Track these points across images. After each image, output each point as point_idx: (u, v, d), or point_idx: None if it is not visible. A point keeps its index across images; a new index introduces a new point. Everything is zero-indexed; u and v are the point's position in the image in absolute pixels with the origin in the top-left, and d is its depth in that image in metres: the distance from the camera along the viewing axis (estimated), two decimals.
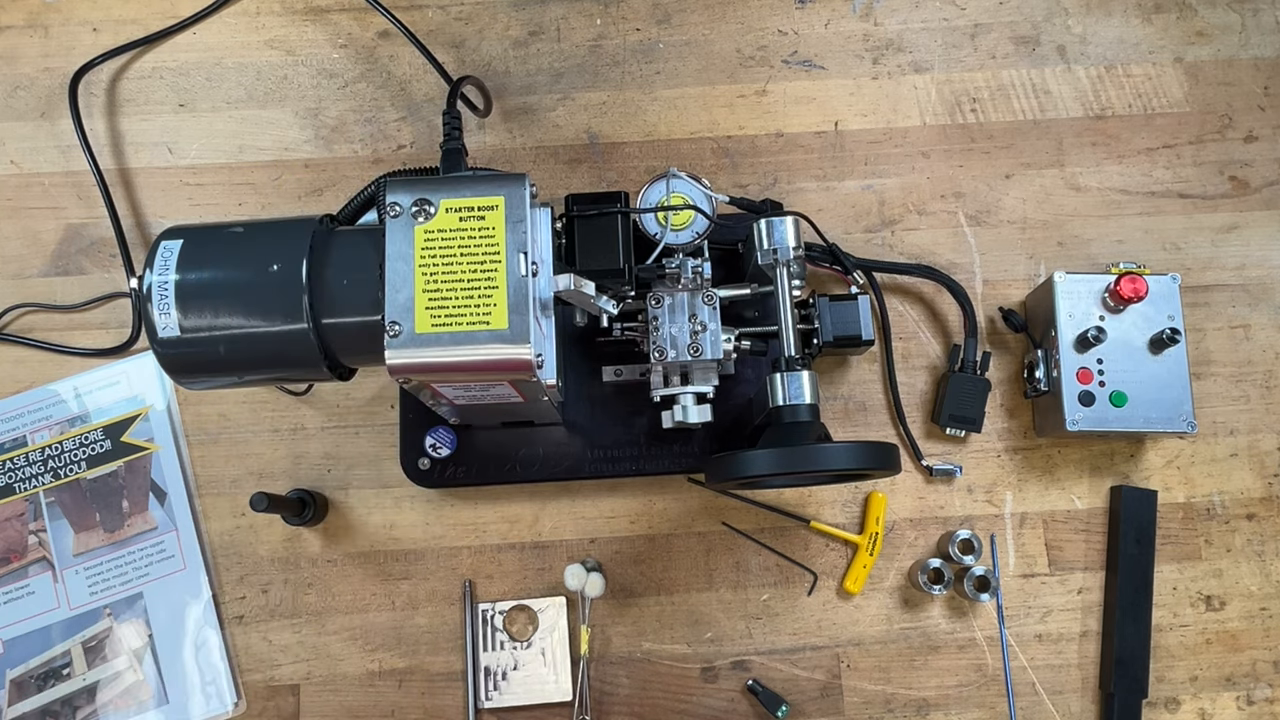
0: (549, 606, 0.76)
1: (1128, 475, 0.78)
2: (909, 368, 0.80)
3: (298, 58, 0.86)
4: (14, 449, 0.78)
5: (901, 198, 0.83)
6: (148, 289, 0.57)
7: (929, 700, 0.75)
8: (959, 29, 0.87)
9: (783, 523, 0.77)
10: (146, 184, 0.84)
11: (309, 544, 0.77)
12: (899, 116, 0.85)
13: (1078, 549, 0.77)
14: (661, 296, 0.69)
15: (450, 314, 0.55)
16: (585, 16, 0.87)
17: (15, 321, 0.81)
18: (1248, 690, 0.75)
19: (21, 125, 0.85)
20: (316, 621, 0.76)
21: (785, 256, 0.69)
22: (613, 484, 0.78)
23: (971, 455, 0.79)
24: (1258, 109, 0.85)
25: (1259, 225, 0.83)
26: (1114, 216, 0.83)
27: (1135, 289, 0.72)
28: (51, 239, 0.83)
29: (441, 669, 0.75)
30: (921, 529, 0.78)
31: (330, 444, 0.79)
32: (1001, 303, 0.81)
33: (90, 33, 0.86)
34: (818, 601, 0.77)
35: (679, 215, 0.70)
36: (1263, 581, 0.77)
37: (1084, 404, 0.73)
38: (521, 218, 0.56)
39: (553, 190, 0.83)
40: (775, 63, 0.86)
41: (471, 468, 0.74)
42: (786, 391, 0.64)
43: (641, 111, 0.85)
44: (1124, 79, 0.86)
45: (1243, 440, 0.79)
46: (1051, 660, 0.75)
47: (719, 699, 0.75)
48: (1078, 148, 0.84)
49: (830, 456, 0.60)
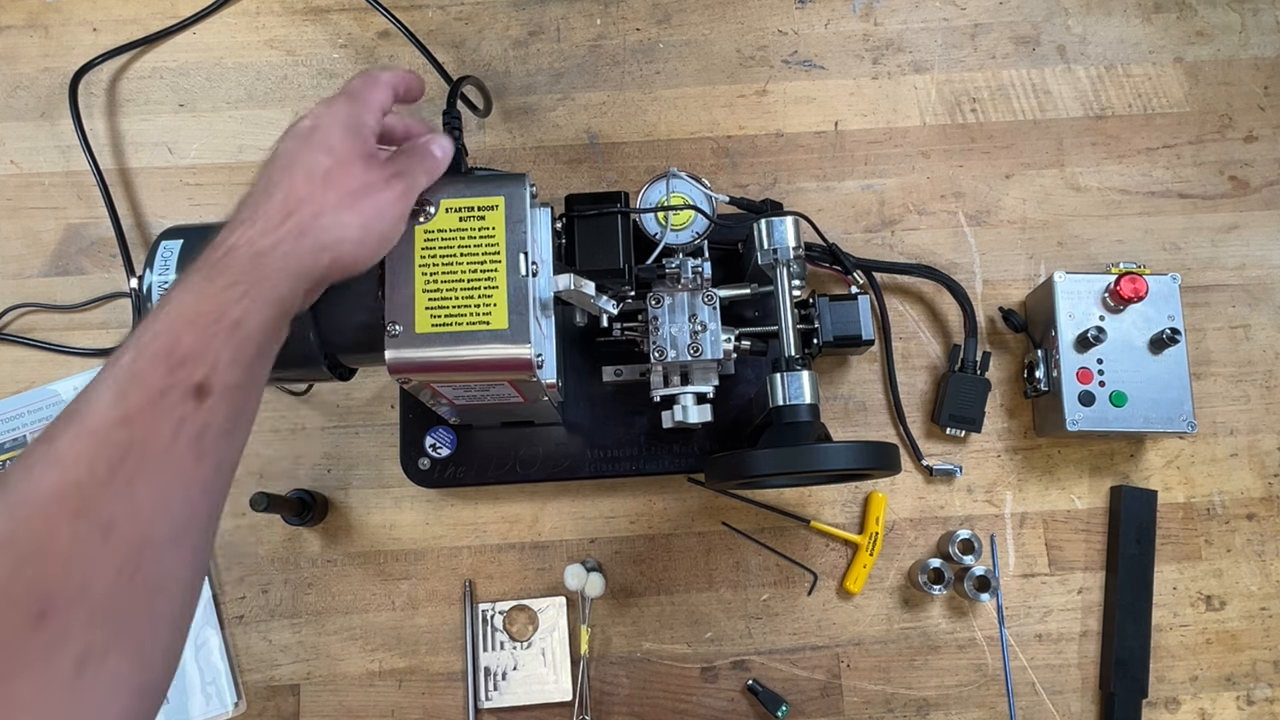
0: (549, 606, 0.76)
1: (1128, 475, 0.78)
2: (909, 368, 0.80)
3: (298, 58, 0.86)
4: (14, 449, 0.78)
5: (901, 198, 0.83)
6: (148, 289, 0.57)
7: (929, 700, 0.75)
8: (959, 29, 0.87)
9: (783, 523, 0.77)
10: (146, 184, 0.84)
11: (309, 544, 0.77)
12: (899, 116, 0.85)
13: (1078, 549, 0.77)
14: (661, 296, 0.69)
15: (450, 314, 0.55)
16: (585, 16, 0.87)
17: (15, 321, 0.81)
18: (1248, 690, 0.75)
19: (21, 125, 0.85)
20: (316, 621, 0.76)
21: (785, 256, 0.69)
22: (613, 484, 0.78)
23: (971, 455, 0.79)
24: (1258, 109, 0.85)
25: (1259, 225, 0.83)
26: (1114, 216, 0.83)
27: (1135, 289, 0.72)
28: (51, 239, 0.83)
29: (441, 669, 0.75)
30: (921, 529, 0.78)
31: (330, 444, 0.79)
32: (1001, 303, 0.81)
33: (90, 33, 0.86)
34: (818, 601, 0.77)
35: (679, 215, 0.70)
36: (1263, 581, 0.77)
37: (1084, 404, 0.73)
38: (521, 218, 0.56)
39: (553, 190, 0.83)
40: (775, 63, 0.86)
41: (471, 468, 0.74)
42: (786, 391, 0.64)
43: (641, 111, 0.85)
44: (1124, 79, 0.86)
45: (1243, 440, 0.79)
46: (1051, 660, 0.75)
47: (719, 699, 0.75)
48: (1078, 148, 0.84)
49: (830, 456, 0.60)
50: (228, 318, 0.42)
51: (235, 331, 0.42)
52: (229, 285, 0.43)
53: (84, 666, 0.35)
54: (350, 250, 0.48)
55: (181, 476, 0.40)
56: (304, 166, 0.48)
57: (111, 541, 0.37)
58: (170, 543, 0.39)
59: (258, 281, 0.44)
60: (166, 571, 0.39)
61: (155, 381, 0.40)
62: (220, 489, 0.43)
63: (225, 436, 0.42)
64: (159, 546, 0.38)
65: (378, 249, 0.51)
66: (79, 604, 0.36)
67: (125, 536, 0.37)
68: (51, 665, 0.35)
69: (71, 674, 0.35)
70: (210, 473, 0.41)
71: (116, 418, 0.38)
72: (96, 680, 0.36)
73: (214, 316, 0.42)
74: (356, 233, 0.48)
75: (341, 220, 0.47)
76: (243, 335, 0.42)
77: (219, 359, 0.41)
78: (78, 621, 0.35)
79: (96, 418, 0.38)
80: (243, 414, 0.43)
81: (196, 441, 0.40)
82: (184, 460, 0.40)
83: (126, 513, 0.37)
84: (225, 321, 0.42)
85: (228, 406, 0.41)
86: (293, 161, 0.48)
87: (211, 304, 0.42)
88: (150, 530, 0.38)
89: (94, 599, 0.36)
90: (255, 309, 0.43)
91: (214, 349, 0.41)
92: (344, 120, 0.50)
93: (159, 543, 0.38)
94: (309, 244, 0.46)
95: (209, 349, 0.41)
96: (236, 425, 0.43)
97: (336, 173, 0.48)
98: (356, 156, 0.49)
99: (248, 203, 0.48)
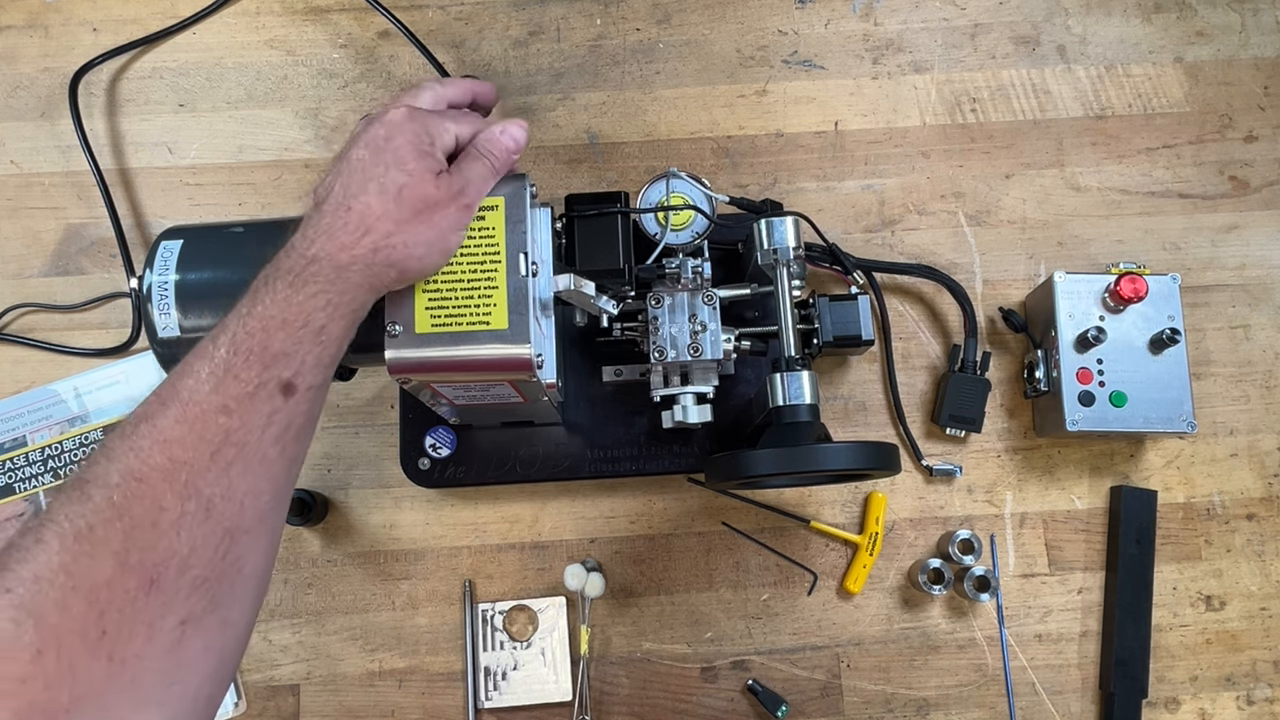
0: (549, 606, 0.76)
1: (1128, 475, 0.78)
2: (909, 368, 0.80)
3: (298, 58, 0.86)
4: (14, 449, 0.78)
5: (901, 198, 0.83)
6: (148, 289, 0.57)
7: (929, 700, 0.75)
8: (959, 29, 0.87)
9: (783, 523, 0.77)
10: (146, 184, 0.84)
11: (309, 544, 0.77)
12: (899, 116, 0.85)
13: (1078, 549, 0.77)
14: (661, 296, 0.69)
15: (450, 314, 0.55)
16: (585, 16, 0.87)
17: (15, 321, 0.81)
18: (1248, 690, 0.75)
19: (21, 125, 0.85)
20: (316, 621, 0.76)
21: (785, 256, 0.69)
22: (613, 484, 0.78)
23: (971, 455, 0.79)
24: (1258, 109, 0.85)
25: (1259, 225, 0.83)
26: (1114, 216, 0.83)
27: (1135, 289, 0.72)
28: (51, 239, 0.83)
29: (441, 669, 0.75)
30: (921, 529, 0.78)
31: (330, 444, 0.79)
32: (1001, 303, 0.81)
33: (90, 33, 0.86)
34: (818, 601, 0.77)
35: (679, 215, 0.70)
36: (1263, 581, 0.77)
37: (1084, 404, 0.73)
38: (521, 218, 0.56)
39: (553, 190, 0.83)
40: (775, 63, 0.86)
41: (471, 468, 0.74)
42: (786, 391, 0.64)
43: (641, 111, 0.85)
44: (1124, 79, 0.86)
45: (1243, 440, 0.79)
46: (1051, 660, 0.76)
47: (719, 699, 0.75)
48: (1078, 148, 0.84)
49: (830, 456, 0.60)
50: (313, 324, 0.46)
51: (319, 337, 0.46)
52: (314, 294, 0.47)
53: (185, 629, 0.40)
54: (416, 266, 0.52)
55: (267, 467, 0.44)
56: (378, 183, 0.50)
57: (212, 519, 0.41)
58: (255, 526, 0.43)
59: (340, 293, 0.48)
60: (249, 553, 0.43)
61: (251, 376, 0.44)
62: (290, 485, 0.47)
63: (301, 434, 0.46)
64: (248, 529, 0.43)
65: (440, 262, 0.54)
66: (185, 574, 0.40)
67: (222, 516, 0.42)
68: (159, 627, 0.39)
69: (175, 636, 0.40)
70: (287, 466, 0.46)
71: (217, 405, 0.43)
72: (193, 642, 0.40)
73: (302, 322, 0.46)
74: (423, 250, 0.52)
75: (411, 239, 0.51)
76: (325, 340, 0.47)
77: (305, 361, 0.46)
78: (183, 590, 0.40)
79: (198, 405, 0.42)
80: (315, 414, 0.48)
81: (281, 435, 0.45)
82: (270, 452, 0.44)
83: (224, 495, 0.42)
84: (311, 327, 0.46)
85: (307, 405, 0.46)
86: (368, 176, 0.51)
87: (299, 311, 0.46)
88: (242, 513, 0.43)
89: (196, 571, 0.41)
90: (336, 317, 0.47)
91: (301, 352, 0.46)
92: (417, 138, 0.52)
93: (248, 526, 0.43)
94: (382, 259, 0.50)
95: (297, 351, 0.45)
96: (309, 424, 0.47)
97: (408, 191, 0.51)
98: (428, 173, 0.52)
99: (325, 210, 0.50)
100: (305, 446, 0.48)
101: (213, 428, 0.42)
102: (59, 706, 0.37)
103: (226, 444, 0.42)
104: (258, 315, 0.45)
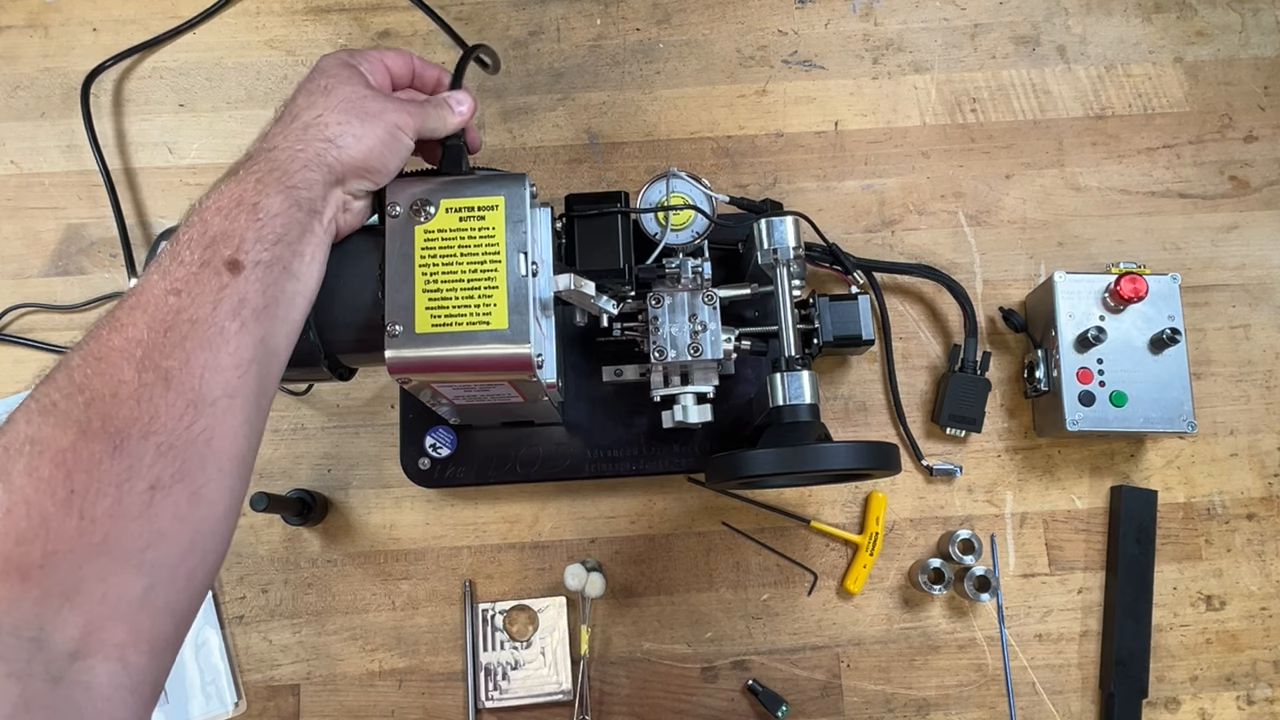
0: (549, 606, 0.76)
1: (1128, 475, 0.78)
2: (909, 368, 0.80)
3: (298, 58, 0.86)
4: None
5: (901, 198, 0.83)
6: None
7: (929, 700, 0.75)
8: (959, 29, 0.87)
9: (783, 523, 0.77)
10: (147, 184, 0.84)
11: (309, 544, 0.77)
12: (899, 116, 0.85)
13: (1078, 549, 0.77)
14: (661, 296, 0.69)
15: (450, 314, 0.55)
16: (585, 16, 0.87)
17: (15, 321, 0.81)
18: (1248, 690, 0.75)
19: (21, 125, 0.85)
20: (316, 621, 0.76)
21: (785, 256, 0.69)
22: (613, 484, 0.78)
23: (971, 455, 0.79)
24: (1258, 109, 0.85)
25: (1259, 225, 0.83)
26: (1114, 216, 0.83)
27: (1135, 289, 0.72)
28: (51, 239, 0.83)
29: (441, 669, 0.75)
30: (921, 529, 0.78)
31: (330, 444, 0.79)
32: (1001, 303, 0.81)
33: (90, 33, 0.86)
34: (818, 601, 0.77)
35: (679, 215, 0.70)
36: (1263, 581, 0.77)
37: (1084, 404, 0.73)
38: (521, 218, 0.56)
39: (553, 190, 0.83)
40: (775, 63, 0.86)
41: (471, 468, 0.74)
42: (786, 391, 0.64)
43: (641, 111, 0.85)
44: (1124, 79, 0.86)
45: (1243, 440, 0.79)
46: (1051, 660, 0.76)
47: (719, 699, 0.75)
48: (1078, 148, 0.84)
49: (830, 456, 0.60)
50: (246, 202, 0.48)
51: (255, 214, 0.48)
52: (244, 178, 0.49)
53: (154, 494, 0.41)
54: (353, 144, 0.53)
55: (226, 341, 0.46)
56: (305, 90, 0.54)
57: (172, 390, 0.43)
58: (221, 399, 0.45)
59: (269, 171, 0.50)
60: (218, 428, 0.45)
61: (194, 258, 0.46)
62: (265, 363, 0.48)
63: (263, 313, 0.47)
64: (212, 401, 0.44)
65: (382, 150, 0.54)
66: (148, 440, 0.42)
67: (183, 387, 0.43)
68: (127, 489, 0.41)
69: (145, 499, 0.41)
70: (254, 345, 0.47)
71: (165, 288, 0.45)
72: (164, 509, 0.42)
73: (235, 202, 0.48)
74: (358, 128, 0.53)
75: (342, 118, 0.53)
76: (263, 217, 0.48)
77: (244, 238, 0.47)
78: (147, 455, 0.42)
79: (148, 292, 0.45)
80: (277, 297, 0.49)
81: (237, 310, 0.46)
82: (227, 326, 0.46)
83: (181, 367, 0.44)
84: (245, 204, 0.48)
85: (259, 282, 0.47)
86: (297, 93, 0.55)
87: (232, 196, 0.48)
88: (203, 385, 0.44)
89: (160, 438, 0.42)
90: (269, 193, 0.49)
91: (239, 229, 0.47)
92: (341, 59, 0.56)
93: (212, 398, 0.44)
94: (314, 136, 0.52)
95: (234, 229, 0.47)
96: (272, 304, 0.48)
97: (335, 87, 0.54)
98: (356, 80, 0.55)
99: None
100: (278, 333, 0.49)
101: (164, 308, 0.44)
102: (32, 562, 0.38)
103: (179, 320, 0.44)
104: (197, 211, 0.48)
